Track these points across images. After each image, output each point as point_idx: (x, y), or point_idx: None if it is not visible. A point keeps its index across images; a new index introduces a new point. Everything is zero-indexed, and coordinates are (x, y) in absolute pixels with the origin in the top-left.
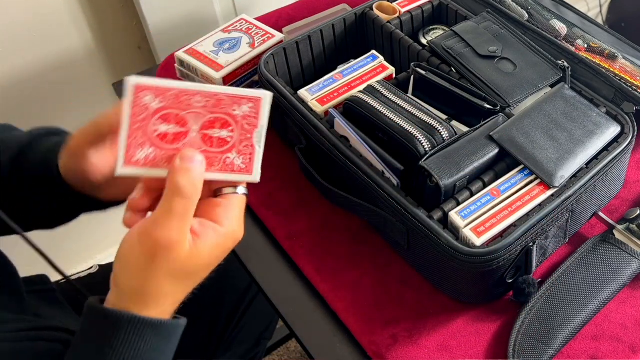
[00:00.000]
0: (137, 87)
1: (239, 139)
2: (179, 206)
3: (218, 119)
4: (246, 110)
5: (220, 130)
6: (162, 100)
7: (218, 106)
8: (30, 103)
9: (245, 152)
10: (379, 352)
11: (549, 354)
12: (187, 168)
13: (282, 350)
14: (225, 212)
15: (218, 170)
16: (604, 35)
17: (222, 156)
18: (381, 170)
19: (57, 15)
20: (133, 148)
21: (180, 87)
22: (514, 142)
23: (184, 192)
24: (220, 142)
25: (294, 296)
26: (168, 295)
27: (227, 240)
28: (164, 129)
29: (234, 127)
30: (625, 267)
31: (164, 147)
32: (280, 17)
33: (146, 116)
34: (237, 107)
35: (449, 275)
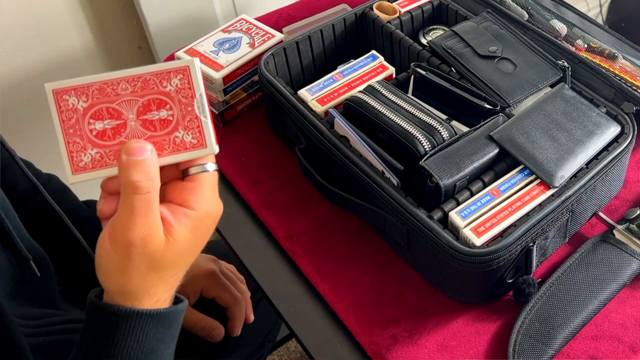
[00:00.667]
0: (56, 92)
1: (180, 115)
2: (139, 203)
3: (152, 100)
4: (177, 84)
5: (158, 111)
6: (87, 98)
7: (147, 87)
8: (31, 103)
9: (191, 126)
10: (379, 352)
11: (549, 354)
12: (136, 162)
13: (282, 350)
14: (194, 194)
15: (170, 153)
16: (604, 35)
17: (169, 137)
18: (381, 170)
19: (57, 15)
20: (76, 155)
21: (101, 79)
22: (514, 142)
23: (140, 188)
24: (162, 123)
25: (294, 296)
26: (158, 285)
27: (203, 222)
28: (101, 127)
29: (170, 104)
30: (625, 267)
31: (106, 144)
32: (280, 17)
33: (77, 119)
34: (166, 82)
35: (449, 275)
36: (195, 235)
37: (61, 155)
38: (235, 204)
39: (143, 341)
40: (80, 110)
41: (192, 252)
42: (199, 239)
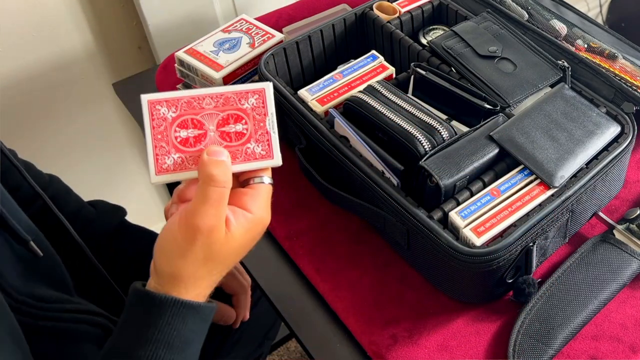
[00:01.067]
0: (151, 102)
1: (253, 129)
2: (214, 194)
3: (231, 115)
4: (253, 102)
5: (235, 124)
6: (176, 110)
7: (227, 104)
8: (31, 103)
9: (262, 139)
10: (379, 352)
11: (549, 354)
12: (215, 160)
13: (282, 350)
14: (253, 200)
15: (242, 162)
16: (604, 35)
17: (242, 148)
18: (381, 170)
19: (57, 16)
20: (161, 157)
21: (190, 94)
22: (514, 142)
23: (217, 180)
24: (237, 135)
25: (294, 296)
26: (204, 278)
27: (257, 226)
28: (184, 135)
29: (246, 119)
30: (625, 267)
31: (188, 150)
32: (280, 17)
33: (165, 127)
34: (244, 101)
35: (449, 275)
36: (248, 237)
37: (147, 158)
38: None
39: (182, 330)
40: (169, 119)
41: (240, 253)
42: (248, 242)
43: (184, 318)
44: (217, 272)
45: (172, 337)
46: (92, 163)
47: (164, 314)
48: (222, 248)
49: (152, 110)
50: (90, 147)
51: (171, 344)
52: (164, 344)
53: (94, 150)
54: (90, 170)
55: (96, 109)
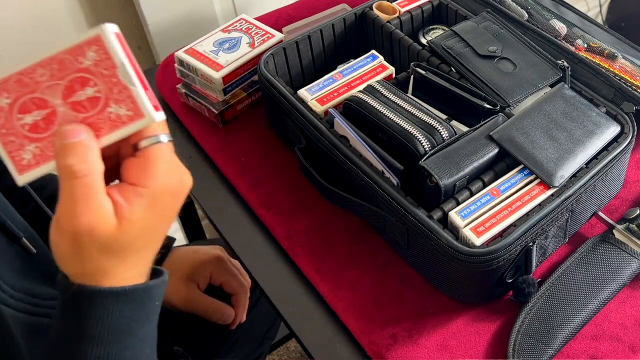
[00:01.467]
0: None
1: (108, 89)
2: (79, 189)
3: (74, 80)
4: (94, 57)
5: (84, 90)
6: (8, 94)
7: (64, 69)
8: None
9: (122, 98)
10: (379, 352)
11: (549, 354)
12: (69, 144)
13: (282, 350)
14: (145, 171)
15: (109, 131)
16: (604, 35)
17: (103, 115)
18: (381, 170)
19: (57, 15)
20: (16, 154)
21: (15, 71)
22: (514, 142)
23: (77, 173)
24: (91, 102)
25: (294, 296)
26: (117, 267)
27: (160, 199)
28: (31, 120)
29: (94, 80)
30: (625, 267)
31: (42, 137)
32: (280, 17)
33: (5, 117)
34: (82, 58)
35: (449, 275)
36: (155, 213)
37: (3, 159)
38: (235, 204)
39: (108, 320)
40: (5, 108)
41: (157, 229)
42: (161, 216)
43: (107, 306)
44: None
45: (97, 330)
46: None
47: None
48: (120, 238)
49: None
50: None
51: (101, 337)
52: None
53: None
54: None
55: None
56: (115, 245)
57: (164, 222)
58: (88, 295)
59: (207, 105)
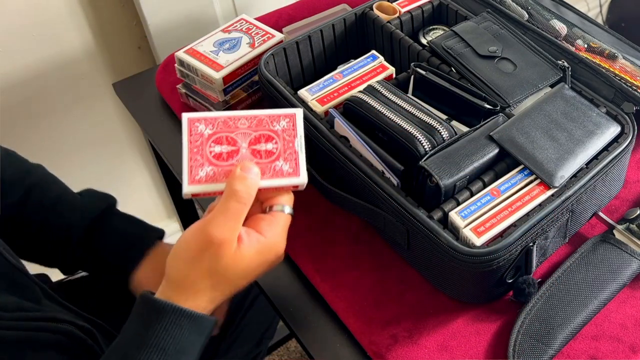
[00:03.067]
0: (190, 120)
1: (283, 149)
2: (233, 208)
3: (262, 135)
4: (284, 125)
5: (265, 143)
6: (213, 127)
7: (260, 125)
8: (31, 103)
9: (290, 158)
10: (379, 352)
11: (549, 354)
12: (243, 176)
13: (282, 350)
14: (269, 225)
15: (270, 177)
16: (604, 35)
17: (271, 165)
18: (381, 170)
19: (57, 15)
20: (194, 169)
21: (227, 114)
22: (514, 142)
23: (239, 196)
24: (267, 153)
25: (294, 296)
26: (205, 291)
27: (269, 250)
28: (218, 150)
29: (276, 139)
30: (625, 267)
31: (220, 164)
32: (280, 17)
33: (202, 142)
34: (276, 123)
35: (449, 275)
36: (258, 260)
37: (182, 169)
38: None
39: (179, 338)
40: (205, 135)
41: (247, 275)
42: (258, 266)
43: (181, 326)
44: (220, 289)
45: (167, 344)
46: (92, 163)
47: (162, 319)
48: (229, 264)
49: (191, 127)
50: (89, 147)
51: (165, 350)
52: (159, 349)
53: (94, 150)
54: (90, 169)
55: (96, 109)
56: (224, 269)
57: (256, 272)
58: (172, 310)
59: (207, 106)
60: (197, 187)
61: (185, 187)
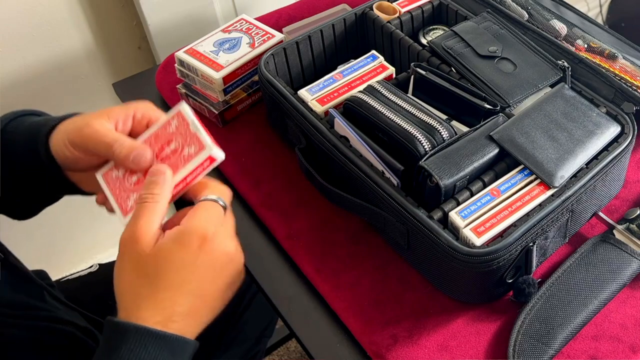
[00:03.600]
0: (105, 175)
1: (183, 140)
2: (138, 209)
3: (162, 144)
4: (176, 124)
5: (168, 146)
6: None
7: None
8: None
9: (192, 142)
10: (379, 352)
11: (549, 354)
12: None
13: (282, 350)
14: (189, 215)
15: (183, 165)
16: (604, 35)
17: (180, 156)
18: (381, 170)
19: (57, 15)
20: (123, 202)
21: None
22: (514, 142)
23: (142, 196)
24: (173, 152)
25: (294, 296)
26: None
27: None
28: (135, 179)
29: (174, 138)
30: (625, 267)
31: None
32: (280, 17)
33: (120, 182)
34: (169, 127)
35: (449, 275)
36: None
37: (114, 210)
38: (235, 204)
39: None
40: (120, 176)
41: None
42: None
43: (146, 346)
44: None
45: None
46: None
47: (126, 340)
48: (149, 260)
49: (107, 178)
50: None
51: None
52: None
53: None
54: None
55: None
56: (145, 265)
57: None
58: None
59: (207, 105)
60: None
61: (122, 220)
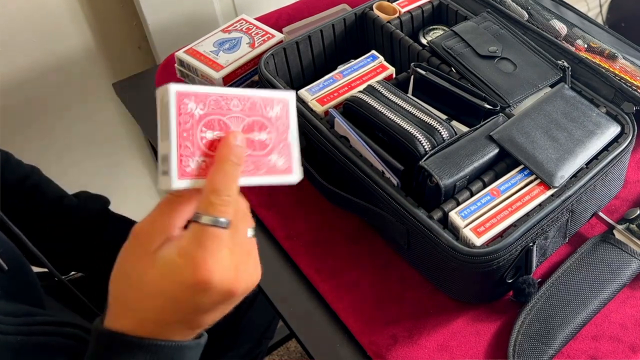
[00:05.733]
0: (179, 94)
1: (277, 141)
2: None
3: (256, 122)
4: (277, 112)
5: (259, 133)
6: (204, 107)
7: (254, 109)
8: (31, 103)
9: (284, 153)
10: (379, 352)
11: (549, 354)
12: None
13: (282, 350)
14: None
15: (265, 174)
16: (604, 35)
17: (265, 159)
18: (381, 170)
19: (57, 15)
20: (185, 159)
21: (218, 92)
22: (514, 142)
23: None
24: (260, 144)
25: (294, 296)
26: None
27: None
28: (210, 136)
29: (270, 129)
30: (625, 267)
31: (213, 154)
32: (280, 17)
33: (192, 124)
34: (269, 109)
35: (449, 275)
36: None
37: (169, 156)
38: None
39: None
40: (196, 116)
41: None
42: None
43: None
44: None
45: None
46: (92, 163)
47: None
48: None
49: (180, 104)
50: (89, 147)
51: None
52: None
53: (94, 151)
54: (90, 170)
55: (96, 109)
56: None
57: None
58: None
59: None
60: (187, 182)
61: (175, 182)
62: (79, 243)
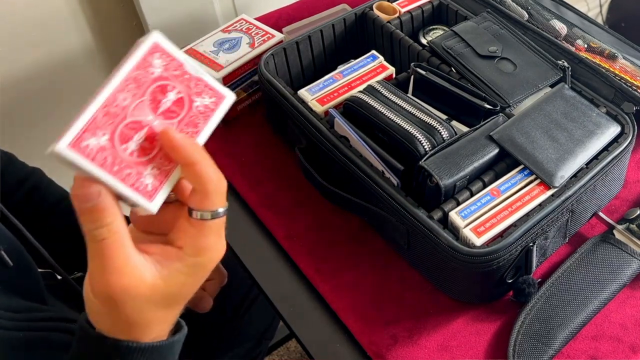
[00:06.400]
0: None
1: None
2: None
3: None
4: (161, 63)
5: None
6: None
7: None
8: (30, 103)
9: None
10: (379, 352)
11: (549, 354)
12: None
13: (282, 350)
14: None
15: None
16: (604, 35)
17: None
18: (381, 170)
19: (57, 15)
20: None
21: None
22: (514, 142)
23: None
24: (177, 104)
25: (294, 296)
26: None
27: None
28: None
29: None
30: (625, 267)
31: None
32: (280, 17)
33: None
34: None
35: (449, 275)
36: (194, 279)
37: (128, 197)
38: (235, 203)
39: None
40: (107, 145)
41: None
42: (197, 280)
43: None
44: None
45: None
46: None
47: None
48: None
49: (82, 152)
50: None
51: None
52: None
53: None
54: None
55: None
56: (147, 305)
57: (197, 284)
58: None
59: None
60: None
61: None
62: (79, 243)
